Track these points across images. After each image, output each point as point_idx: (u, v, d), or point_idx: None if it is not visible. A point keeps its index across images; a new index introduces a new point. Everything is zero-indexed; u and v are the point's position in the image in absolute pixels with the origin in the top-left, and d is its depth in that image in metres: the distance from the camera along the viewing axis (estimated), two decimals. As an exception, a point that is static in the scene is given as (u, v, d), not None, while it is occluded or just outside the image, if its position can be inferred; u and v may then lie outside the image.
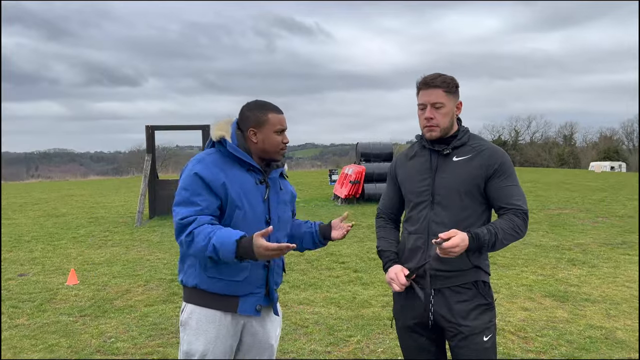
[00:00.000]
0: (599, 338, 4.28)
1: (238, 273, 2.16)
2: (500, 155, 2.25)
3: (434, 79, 2.24)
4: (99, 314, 5.16)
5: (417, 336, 2.33)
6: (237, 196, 2.15)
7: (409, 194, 2.35)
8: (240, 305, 2.19)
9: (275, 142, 2.23)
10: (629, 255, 7.43)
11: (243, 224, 2.14)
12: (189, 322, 2.22)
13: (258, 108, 2.24)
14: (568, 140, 63.41)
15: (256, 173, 2.23)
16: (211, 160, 2.19)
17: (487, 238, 2.08)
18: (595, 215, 11.30)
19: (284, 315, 4.96)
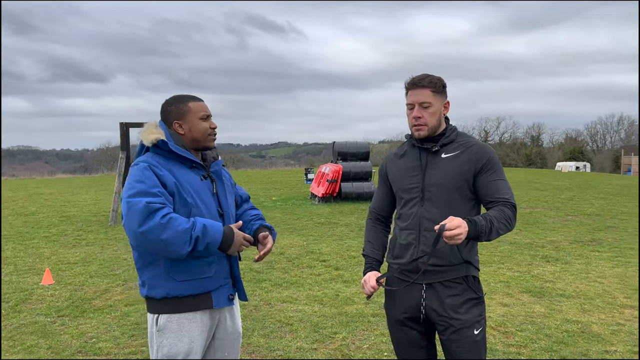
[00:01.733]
0: (575, 332, 4.42)
1: (207, 268, 2.18)
2: (487, 151, 2.31)
3: (422, 80, 2.30)
4: (78, 314, 5.06)
5: (408, 330, 2.38)
6: (189, 195, 2.15)
7: (400, 192, 2.40)
8: (215, 299, 2.22)
9: (202, 128, 2.24)
10: (599, 252, 7.69)
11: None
12: (168, 326, 2.17)
13: (177, 101, 2.27)
14: (535, 141, 65.06)
15: (199, 169, 2.25)
16: (155, 160, 2.15)
17: (484, 224, 2.10)
18: (565, 214, 11.64)
19: (268, 313, 4.96)
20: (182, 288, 2.15)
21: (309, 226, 10.37)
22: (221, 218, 2.26)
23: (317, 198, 14.46)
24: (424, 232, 2.28)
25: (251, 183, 22.20)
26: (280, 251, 7.84)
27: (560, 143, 64.93)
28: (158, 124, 2.27)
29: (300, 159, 71.87)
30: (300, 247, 8.22)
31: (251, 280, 6.18)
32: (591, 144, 66.22)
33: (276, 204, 14.42)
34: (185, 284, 2.16)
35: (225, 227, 2.11)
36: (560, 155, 56.66)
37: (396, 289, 2.35)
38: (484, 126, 69.44)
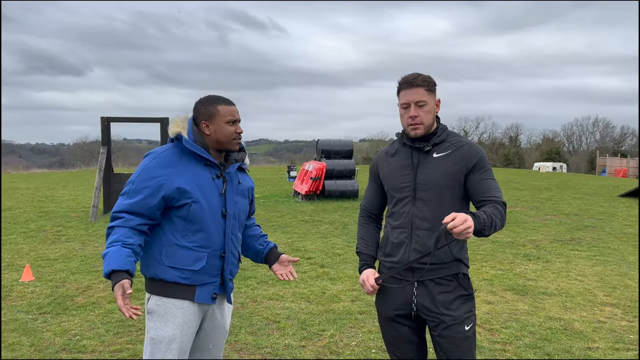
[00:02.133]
0: (558, 329, 4.51)
1: (195, 262, 2.25)
2: (478, 151, 2.35)
3: (416, 79, 2.32)
4: (60, 311, 4.97)
5: (399, 326, 2.40)
6: (193, 190, 2.22)
7: (392, 190, 2.42)
8: (197, 293, 2.27)
9: (227, 132, 2.30)
10: (578, 250, 7.85)
11: (200, 216, 2.24)
12: (156, 310, 2.27)
13: (209, 102, 2.32)
14: (514, 142, 66.07)
15: (213, 168, 2.30)
16: (166, 155, 2.26)
17: (485, 217, 2.11)
18: (544, 213, 11.85)
19: (255, 311, 4.94)
20: (169, 274, 2.25)
21: (293, 224, 10.36)
22: (223, 219, 2.32)
23: (300, 195, 14.45)
24: (416, 231, 2.31)
25: (233, 180, 22.05)
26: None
27: (537, 144, 66.07)
28: (188, 118, 2.36)
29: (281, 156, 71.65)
30: (285, 244, 8.20)
31: (237, 277, 6.12)
32: (567, 145, 67.53)
33: (259, 201, 14.36)
34: (173, 270, 2.24)
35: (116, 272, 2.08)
36: (537, 156, 57.66)
37: (395, 287, 2.36)
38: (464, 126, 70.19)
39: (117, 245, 2.14)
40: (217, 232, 2.29)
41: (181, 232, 2.25)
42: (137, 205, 2.20)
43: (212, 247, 2.29)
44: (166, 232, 2.27)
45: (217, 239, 2.30)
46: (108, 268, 2.10)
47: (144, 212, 2.21)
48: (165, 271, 2.25)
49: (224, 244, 2.32)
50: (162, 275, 2.26)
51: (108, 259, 2.11)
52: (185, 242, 2.25)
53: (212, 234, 2.28)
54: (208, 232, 2.27)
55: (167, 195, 2.21)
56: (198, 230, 2.25)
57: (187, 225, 2.24)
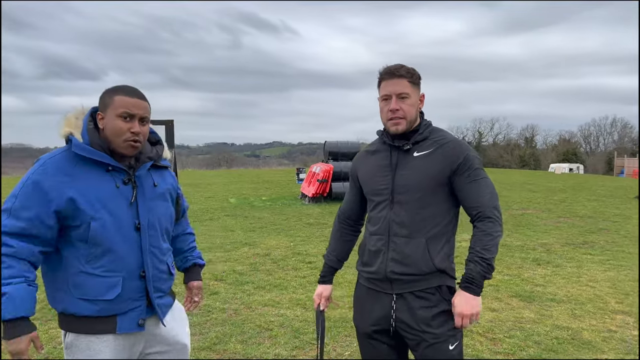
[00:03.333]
0: (565, 339, 4.26)
1: (108, 291, 1.88)
2: (463, 149, 2.11)
3: (399, 69, 2.11)
4: (50, 317, 4.84)
5: (378, 343, 2.20)
6: (90, 205, 1.84)
7: (369, 193, 2.22)
8: (119, 323, 1.92)
9: (116, 128, 1.87)
10: (591, 255, 7.55)
11: (104, 236, 1.87)
12: (76, 344, 1.91)
13: (110, 90, 1.93)
14: (529, 143, 65.17)
15: (118, 172, 1.92)
16: (56, 162, 1.86)
17: (479, 269, 2.01)
18: (557, 216, 11.52)
19: (248, 318, 4.77)
20: (81, 307, 1.88)
21: (297, 227, 10.19)
22: (137, 232, 1.95)
23: (307, 198, 14.28)
24: (394, 238, 2.10)
25: (242, 182, 22.02)
26: (266, 252, 7.65)
27: (553, 145, 65.11)
28: (84, 112, 1.97)
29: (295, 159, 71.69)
30: (286, 248, 8.03)
31: (233, 282, 5.98)
32: (584, 145, 66.45)
33: (265, 203, 14.23)
34: (84, 303, 1.88)
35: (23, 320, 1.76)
36: (553, 157, 56.78)
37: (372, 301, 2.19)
38: (478, 127, 69.58)
39: (20, 283, 1.76)
40: (130, 249, 1.92)
41: (85, 257, 1.87)
42: (25, 226, 1.80)
43: (126, 269, 1.92)
44: (68, 257, 1.89)
45: (131, 258, 1.93)
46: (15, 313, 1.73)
47: (34, 234, 1.81)
48: (76, 304, 1.88)
49: (143, 261, 1.96)
50: (73, 310, 1.88)
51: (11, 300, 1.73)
52: (91, 268, 1.87)
53: (124, 253, 1.91)
54: (118, 252, 1.90)
55: (59, 209, 1.82)
56: (105, 252, 1.88)
57: (90, 248, 1.86)
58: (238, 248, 7.98)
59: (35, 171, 1.86)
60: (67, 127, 1.92)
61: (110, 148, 1.93)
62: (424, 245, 2.07)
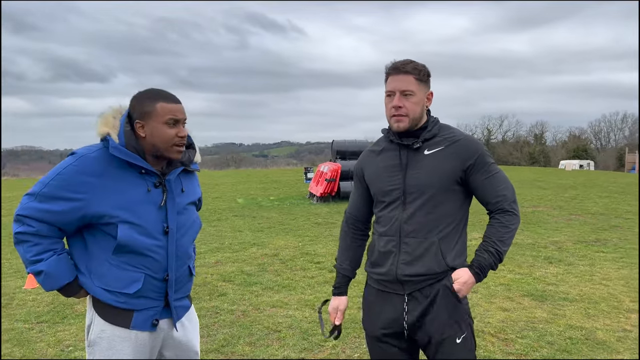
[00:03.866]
0: (579, 339, 4.17)
1: (128, 285, 1.92)
2: (476, 145, 2.09)
3: (405, 65, 2.06)
4: (58, 320, 4.84)
5: (388, 346, 2.15)
6: (120, 208, 1.87)
7: (378, 194, 2.16)
8: (134, 319, 1.95)
9: (165, 135, 1.92)
10: (604, 252, 7.43)
11: (133, 238, 1.89)
12: (99, 343, 1.95)
13: (146, 97, 1.95)
14: (539, 139, 64.67)
15: (150, 176, 1.95)
16: (90, 162, 1.88)
17: (492, 260, 2.02)
18: (568, 213, 11.38)
19: (256, 319, 4.73)
20: (101, 294, 1.94)
21: (305, 226, 10.14)
22: (165, 235, 1.97)
23: (315, 197, 14.23)
24: (405, 239, 2.05)
25: (250, 182, 22.02)
26: (274, 252, 7.61)
27: (563, 141, 64.53)
28: (121, 112, 1.99)
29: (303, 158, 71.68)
30: (295, 248, 7.98)
31: (242, 283, 5.95)
32: (595, 142, 65.83)
33: (274, 203, 14.20)
34: (105, 292, 1.93)
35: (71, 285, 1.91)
36: (563, 154, 56.30)
37: (382, 303, 2.13)
38: (487, 124, 69.14)
39: (50, 257, 1.87)
40: (157, 253, 1.95)
41: (111, 249, 1.90)
42: (48, 214, 1.86)
43: (151, 269, 1.95)
44: (93, 245, 1.93)
45: (157, 261, 1.96)
46: (58, 284, 1.88)
47: (55, 224, 1.88)
48: (96, 291, 1.93)
49: (167, 265, 1.98)
50: (93, 293, 1.94)
51: (48, 276, 1.87)
52: (116, 260, 1.91)
53: (150, 255, 1.94)
54: (144, 254, 1.93)
55: (86, 208, 1.87)
56: (131, 251, 1.91)
57: (117, 244, 1.89)
58: (246, 248, 7.95)
59: (69, 165, 1.88)
60: (105, 126, 1.93)
61: (153, 154, 1.96)
62: (437, 246, 2.03)
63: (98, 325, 1.96)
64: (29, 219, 1.86)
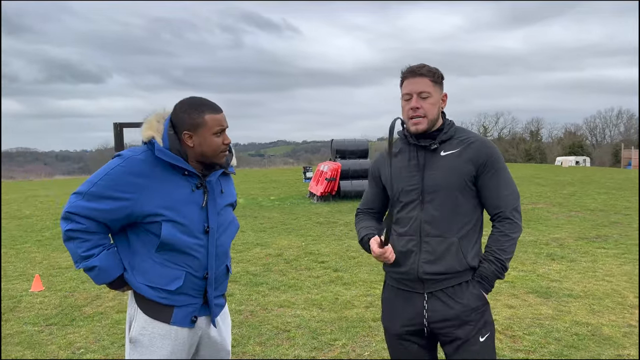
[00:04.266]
0: (586, 335, 4.23)
1: (170, 282, 2.00)
2: (488, 148, 2.14)
3: (420, 68, 2.13)
4: (67, 322, 4.86)
5: (409, 344, 2.19)
6: (165, 207, 1.95)
7: (396, 194, 2.20)
8: (175, 315, 2.02)
9: (214, 145, 2.01)
10: (605, 249, 7.49)
11: (176, 236, 1.97)
12: (140, 340, 2.03)
13: (193, 108, 2.00)
14: (535, 136, 64.84)
15: (192, 177, 2.03)
16: (137, 163, 1.96)
17: (493, 268, 2.08)
18: (568, 210, 11.45)
19: (265, 319, 4.76)
20: (144, 290, 2.01)
21: (307, 226, 10.18)
22: (206, 235, 2.05)
23: (315, 197, 14.27)
24: (426, 238, 2.10)
25: (250, 182, 22.02)
26: (278, 252, 7.64)
27: (559, 138, 64.75)
28: (165, 116, 2.06)
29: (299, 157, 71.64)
30: (298, 247, 8.02)
31: (248, 283, 5.98)
32: (590, 138, 66.08)
33: (274, 203, 14.22)
34: (147, 288, 2.01)
35: (120, 278, 2.01)
36: (559, 150, 56.51)
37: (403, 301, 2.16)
38: (483, 122, 69.26)
39: (101, 252, 1.96)
40: (198, 252, 2.02)
41: (155, 247, 1.98)
42: (96, 212, 1.93)
43: (192, 267, 2.02)
44: (137, 243, 2.01)
45: (198, 259, 2.03)
46: (110, 277, 1.98)
47: (102, 222, 1.96)
48: (139, 287, 2.01)
49: (208, 264, 2.05)
50: (136, 288, 2.02)
51: (102, 270, 1.96)
52: (159, 257, 1.99)
53: (192, 253, 2.01)
54: (186, 253, 2.00)
55: (133, 208, 1.94)
56: (173, 249, 1.99)
57: (160, 242, 1.97)
58: (250, 249, 7.98)
59: (117, 166, 1.95)
60: (150, 130, 2.00)
61: (199, 161, 2.04)
62: (457, 244, 2.08)
63: (139, 322, 2.03)
64: (77, 216, 1.93)
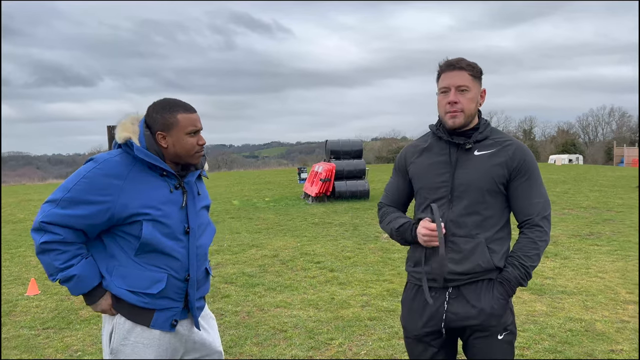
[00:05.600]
0: (579, 331, 4.28)
1: (151, 285, 1.97)
2: (522, 152, 2.08)
3: (459, 61, 2.08)
4: (64, 325, 4.86)
5: (429, 345, 2.16)
6: (144, 207, 1.93)
7: (424, 190, 2.15)
8: (155, 319, 2.00)
9: (188, 145, 2.00)
10: (598, 246, 7.57)
11: (156, 236, 1.94)
12: (122, 351, 1.99)
13: (165, 109, 2.00)
14: (528, 135, 65.12)
15: (170, 178, 2.02)
16: (114, 165, 1.93)
17: (517, 273, 2.02)
18: (561, 208, 11.53)
19: (261, 320, 4.78)
20: (123, 294, 1.98)
21: (302, 227, 10.20)
22: (186, 235, 2.03)
23: (310, 198, 14.28)
24: (452, 237, 2.05)
25: (244, 184, 22.00)
26: (274, 253, 7.66)
27: (552, 136, 65.08)
28: (139, 119, 2.05)
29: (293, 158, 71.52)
30: (294, 248, 8.04)
31: (244, 284, 6.00)
32: (583, 136, 66.46)
33: (269, 204, 14.23)
34: (129, 293, 1.97)
35: (98, 288, 1.96)
36: (552, 148, 56.77)
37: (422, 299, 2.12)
38: (476, 121, 69.44)
39: (79, 261, 1.92)
40: (178, 252, 2.00)
41: (134, 250, 1.95)
42: (74, 219, 1.88)
43: (173, 269, 2.00)
44: (114, 248, 1.97)
45: (179, 260, 2.01)
46: (90, 285, 1.93)
47: (80, 229, 1.90)
48: (118, 291, 1.97)
49: (189, 264, 2.03)
50: (115, 292, 1.97)
51: (81, 279, 1.91)
52: (139, 260, 1.96)
53: (173, 255, 1.99)
54: (167, 253, 1.98)
55: (112, 210, 1.90)
56: (154, 250, 1.96)
57: (140, 244, 1.94)
58: (245, 250, 7.99)
59: (90, 170, 1.92)
60: (125, 131, 1.98)
61: (174, 162, 2.04)
62: (484, 244, 2.04)
63: (120, 333, 2.00)
64: (53, 226, 1.88)
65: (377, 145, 61.13)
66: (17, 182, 38.96)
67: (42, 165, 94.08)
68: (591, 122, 66.97)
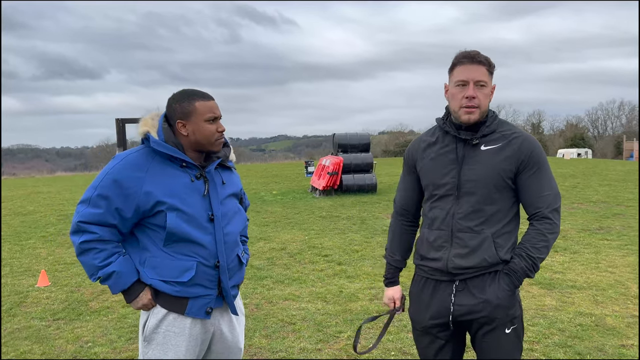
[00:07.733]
0: (589, 325, 4.25)
1: (181, 274, 2.01)
2: (530, 144, 2.04)
3: (478, 54, 2.01)
4: (74, 317, 4.90)
5: (436, 337, 2.16)
6: (167, 197, 1.97)
7: (431, 185, 2.13)
8: (189, 307, 2.04)
9: (207, 132, 2.05)
10: (608, 240, 7.51)
11: (181, 225, 1.99)
12: (154, 338, 2.05)
13: (184, 98, 2.06)
14: (536, 128, 64.70)
15: (191, 169, 2.06)
16: (134, 159, 2.00)
17: (523, 264, 2.00)
18: (570, 202, 11.46)
19: (270, 312, 4.80)
20: (159, 284, 2.03)
21: (310, 220, 10.20)
22: (211, 223, 2.06)
23: (317, 191, 14.28)
24: (457, 233, 2.04)
25: (251, 177, 22.03)
26: (282, 246, 7.67)
27: (561, 130, 64.64)
28: (159, 114, 2.11)
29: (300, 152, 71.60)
30: (301, 241, 8.05)
31: (252, 277, 6.01)
32: (592, 130, 65.95)
33: (277, 197, 14.25)
34: (161, 283, 2.02)
35: (137, 283, 2.02)
36: (561, 142, 56.40)
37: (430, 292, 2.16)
38: (484, 115, 69.04)
39: (117, 258, 1.99)
40: (205, 239, 2.04)
41: (162, 241, 2.01)
42: (107, 215, 1.96)
43: (202, 256, 2.04)
44: (145, 241, 2.04)
45: (206, 247, 2.05)
46: (130, 281, 1.99)
47: (112, 223, 1.98)
48: (152, 282, 2.03)
49: (217, 251, 2.07)
50: (150, 283, 2.03)
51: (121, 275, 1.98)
52: (168, 250, 2.02)
53: (200, 242, 2.03)
54: (193, 240, 2.02)
55: (138, 203, 1.96)
56: (181, 239, 2.01)
57: (167, 234, 1.99)
58: (253, 243, 8.01)
59: (113, 167, 1.99)
60: (144, 126, 2.06)
61: (196, 150, 2.08)
62: (490, 239, 2.02)
63: (153, 321, 2.05)
64: (89, 225, 1.96)
65: (385, 138, 60.98)
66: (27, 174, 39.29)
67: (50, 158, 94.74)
68: (600, 116, 66.46)
